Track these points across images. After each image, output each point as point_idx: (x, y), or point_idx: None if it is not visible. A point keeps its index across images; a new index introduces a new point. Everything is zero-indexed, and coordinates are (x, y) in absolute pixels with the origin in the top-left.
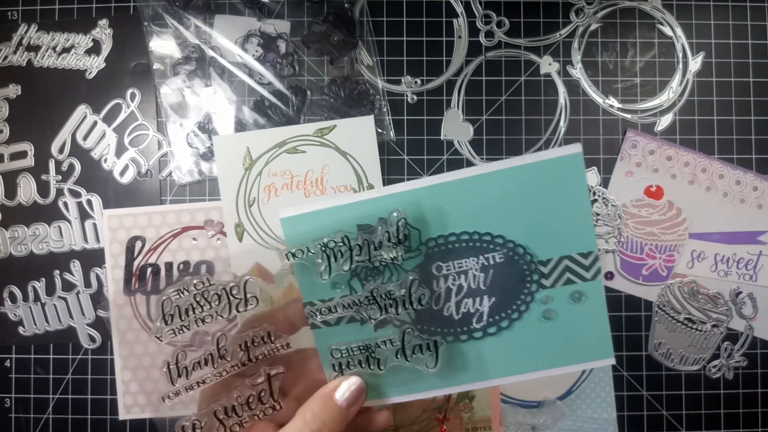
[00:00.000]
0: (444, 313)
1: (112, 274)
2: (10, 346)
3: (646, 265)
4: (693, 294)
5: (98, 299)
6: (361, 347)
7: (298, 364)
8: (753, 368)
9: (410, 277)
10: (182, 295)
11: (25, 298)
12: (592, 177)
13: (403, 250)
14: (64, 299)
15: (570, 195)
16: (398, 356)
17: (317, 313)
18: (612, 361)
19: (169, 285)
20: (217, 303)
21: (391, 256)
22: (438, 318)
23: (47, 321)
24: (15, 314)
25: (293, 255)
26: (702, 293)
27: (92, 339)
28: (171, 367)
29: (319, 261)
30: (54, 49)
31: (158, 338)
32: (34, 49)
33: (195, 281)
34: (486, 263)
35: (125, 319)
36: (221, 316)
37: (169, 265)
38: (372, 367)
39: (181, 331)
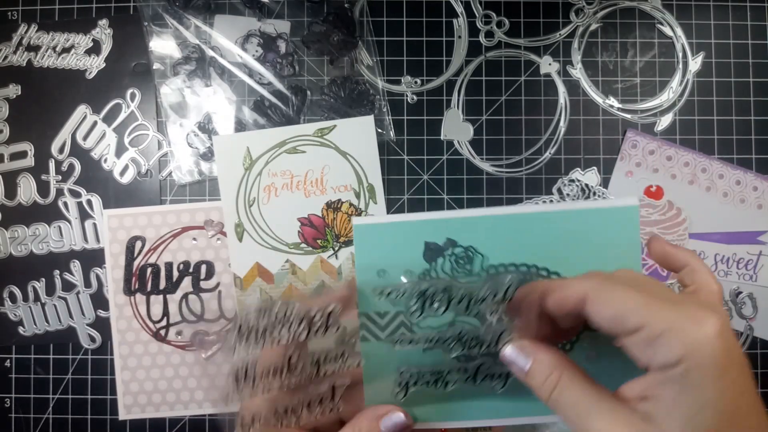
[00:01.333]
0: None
1: (112, 274)
2: (10, 346)
3: (647, 265)
4: None
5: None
6: (434, 372)
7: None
8: (753, 368)
9: (503, 326)
10: (262, 318)
11: (25, 298)
12: (592, 177)
13: (504, 307)
14: (64, 299)
15: (622, 246)
16: (467, 382)
17: (399, 342)
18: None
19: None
20: (297, 326)
21: (491, 311)
22: (488, 348)
23: (47, 321)
24: (15, 314)
25: (388, 294)
26: None
27: (92, 339)
28: (239, 375)
29: (412, 303)
30: (54, 49)
31: (231, 350)
32: (34, 49)
33: (278, 305)
34: None
35: (125, 319)
36: (298, 340)
37: (169, 265)
38: (438, 387)
39: (255, 346)
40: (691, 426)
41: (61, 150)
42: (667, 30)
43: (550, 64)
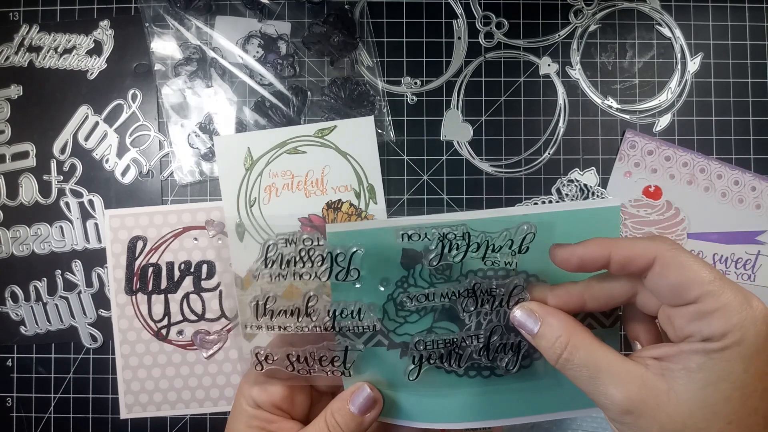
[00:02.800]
0: (470, 345)
1: (114, 274)
2: (11, 346)
3: None
4: None
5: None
6: (447, 341)
7: None
8: None
9: (515, 282)
10: (288, 246)
11: (27, 298)
12: (591, 177)
13: (518, 259)
14: (66, 299)
15: None
16: (481, 354)
17: (410, 300)
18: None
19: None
20: (320, 264)
21: (506, 261)
22: (464, 349)
23: (49, 320)
24: (17, 314)
25: (409, 237)
26: None
27: (94, 338)
28: (259, 303)
29: (432, 248)
30: (55, 49)
31: (255, 277)
32: (35, 49)
33: (305, 236)
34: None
35: (126, 318)
36: (319, 278)
37: (170, 265)
38: (452, 364)
39: (277, 279)
40: (706, 390)
41: (62, 150)
42: (665, 31)
43: (549, 65)
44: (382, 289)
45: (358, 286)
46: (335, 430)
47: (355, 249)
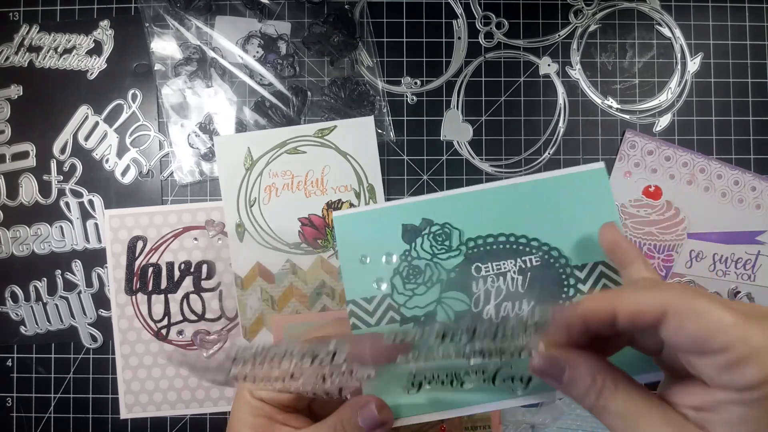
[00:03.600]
0: (483, 317)
1: (114, 274)
2: (11, 346)
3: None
4: None
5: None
6: (449, 373)
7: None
8: None
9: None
10: (258, 356)
11: (27, 298)
12: None
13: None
14: (66, 299)
15: (598, 206)
16: (485, 383)
17: (413, 359)
18: (660, 374)
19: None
20: (299, 358)
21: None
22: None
23: (49, 320)
24: (17, 314)
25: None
26: None
27: (94, 338)
28: (239, 376)
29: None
30: (55, 49)
31: (222, 371)
32: (35, 49)
33: (276, 349)
34: (523, 265)
35: (127, 318)
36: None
37: (170, 265)
38: (454, 386)
39: (252, 369)
40: None
41: (62, 150)
42: (665, 31)
43: (549, 65)
44: (388, 264)
45: (367, 262)
46: None
47: (332, 349)
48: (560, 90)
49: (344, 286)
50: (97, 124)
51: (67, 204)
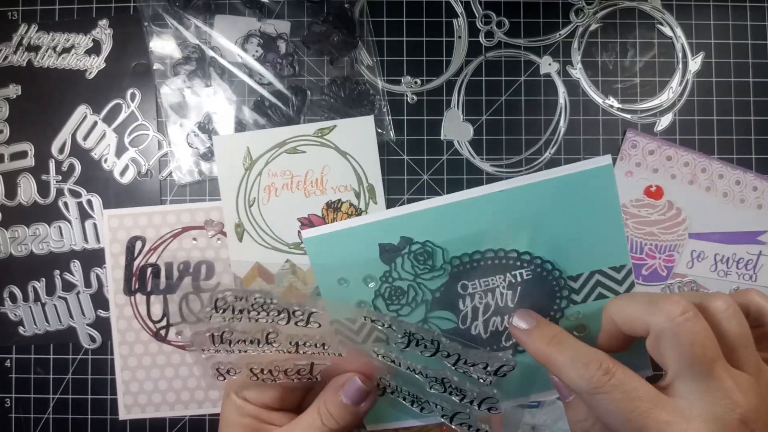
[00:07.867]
0: (472, 332)
1: (113, 274)
2: (10, 346)
3: (646, 265)
4: None
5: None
6: (413, 395)
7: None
8: None
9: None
10: (239, 301)
11: (26, 298)
12: None
13: (493, 379)
14: (64, 299)
15: (601, 208)
16: (443, 419)
17: (379, 355)
18: (649, 373)
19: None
20: (276, 314)
21: (479, 376)
22: (465, 337)
23: (47, 321)
24: (15, 314)
25: (372, 321)
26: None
27: (92, 339)
28: (215, 335)
29: (399, 338)
30: (54, 49)
31: (205, 319)
32: (34, 49)
33: (257, 295)
34: (513, 281)
35: (125, 319)
36: (278, 324)
37: (169, 265)
38: (414, 407)
39: (231, 321)
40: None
41: (61, 150)
42: (666, 30)
43: (549, 65)
44: (368, 286)
45: (346, 286)
46: (329, 422)
47: (313, 310)
48: (561, 89)
49: (326, 306)
50: (95, 123)
51: (65, 204)
